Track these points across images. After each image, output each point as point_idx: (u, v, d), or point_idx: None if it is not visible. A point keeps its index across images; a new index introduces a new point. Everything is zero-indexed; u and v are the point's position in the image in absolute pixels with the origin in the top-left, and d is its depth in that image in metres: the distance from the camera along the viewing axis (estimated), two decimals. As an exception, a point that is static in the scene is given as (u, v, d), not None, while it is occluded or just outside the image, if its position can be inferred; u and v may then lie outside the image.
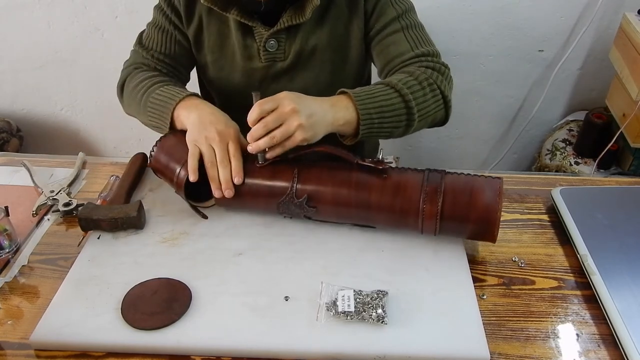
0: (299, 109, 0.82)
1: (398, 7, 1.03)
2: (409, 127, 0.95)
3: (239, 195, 0.89)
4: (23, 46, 1.95)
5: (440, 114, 1.00)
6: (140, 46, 1.08)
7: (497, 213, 0.80)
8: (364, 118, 0.89)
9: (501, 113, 2.01)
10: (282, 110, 0.82)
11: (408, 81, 0.94)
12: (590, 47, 1.82)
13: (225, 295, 0.80)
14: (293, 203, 0.87)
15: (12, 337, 0.76)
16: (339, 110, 0.88)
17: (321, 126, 0.86)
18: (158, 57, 1.07)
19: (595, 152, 1.73)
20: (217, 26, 1.04)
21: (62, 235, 0.94)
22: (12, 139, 2.02)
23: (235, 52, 1.04)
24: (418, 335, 0.73)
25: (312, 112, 0.84)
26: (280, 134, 0.83)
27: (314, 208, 0.86)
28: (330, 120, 0.87)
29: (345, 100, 0.90)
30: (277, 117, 0.83)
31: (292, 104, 0.82)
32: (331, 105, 0.88)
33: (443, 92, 0.98)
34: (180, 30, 1.06)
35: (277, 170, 0.88)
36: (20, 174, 1.07)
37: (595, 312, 0.79)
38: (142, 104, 0.99)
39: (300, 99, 0.85)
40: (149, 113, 0.97)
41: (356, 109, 0.89)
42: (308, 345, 0.73)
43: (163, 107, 0.95)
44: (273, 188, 0.87)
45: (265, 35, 1.00)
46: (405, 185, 0.83)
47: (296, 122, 0.82)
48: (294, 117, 0.82)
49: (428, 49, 1.02)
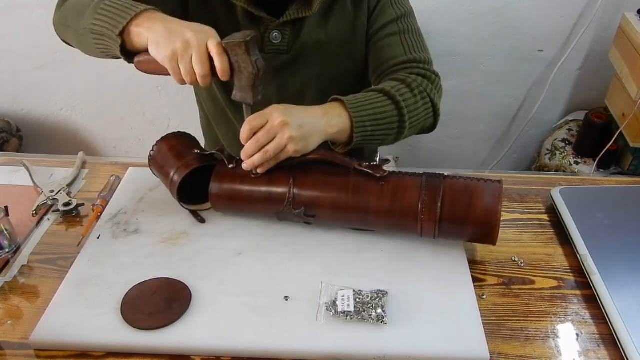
0: (288, 121, 0.82)
1: (398, 10, 1.03)
2: (400, 135, 0.95)
3: (235, 201, 0.89)
4: (23, 46, 1.95)
5: (429, 122, 1.00)
6: None
7: (497, 215, 0.79)
8: (358, 126, 0.88)
9: (501, 113, 2.01)
10: (272, 124, 0.82)
11: (401, 89, 0.94)
12: (590, 47, 1.83)
13: (225, 295, 0.80)
14: (292, 213, 0.86)
15: (11, 337, 0.76)
16: (332, 118, 0.87)
17: (314, 136, 0.85)
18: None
19: (594, 152, 1.73)
20: (224, 12, 1.01)
21: (61, 235, 0.94)
22: (12, 139, 2.02)
23: None
24: (418, 335, 0.73)
25: (302, 122, 0.84)
26: (273, 148, 0.83)
27: (313, 217, 0.86)
28: (323, 128, 0.86)
29: (339, 107, 0.89)
30: (268, 132, 0.82)
31: (281, 117, 0.82)
32: (323, 113, 0.88)
33: (433, 101, 0.98)
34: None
35: (273, 176, 0.87)
36: (20, 174, 1.07)
37: (595, 312, 0.79)
38: (92, 7, 0.85)
39: (289, 111, 0.84)
40: (97, 16, 0.83)
41: (350, 117, 0.88)
42: (308, 345, 0.73)
43: (119, 12, 0.82)
44: (270, 194, 0.87)
45: (270, 26, 1.00)
46: (404, 190, 0.83)
47: (287, 135, 0.82)
48: (285, 130, 0.82)
49: (421, 55, 1.01)
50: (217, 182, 0.89)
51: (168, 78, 0.84)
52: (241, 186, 0.88)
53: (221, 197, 0.89)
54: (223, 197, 0.89)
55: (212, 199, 0.90)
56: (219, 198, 0.89)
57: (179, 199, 0.91)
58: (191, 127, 1.03)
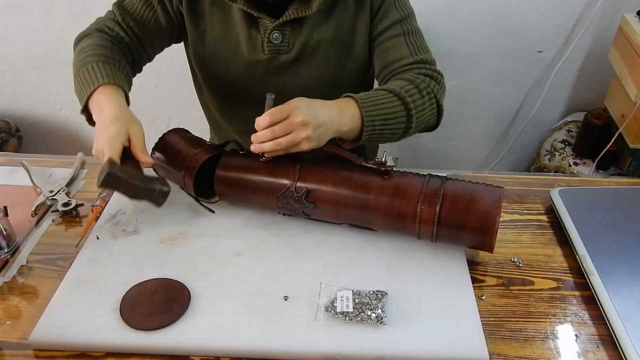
0: (309, 121, 0.83)
1: (401, 11, 1.03)
2: (405, 133, 0.97)
3: (239, 187, 0.90)
4: (22, 46, 1.95)
5: (433, 121, 1.02)
6: (118, 7, 1.03)
7: (496, 218, 0.79)
8: (368, 125, 0.90)
9: (500, 113, 2.01)
10: (292, 121, 0.83)
11: (410, 89, 0.95)
12: (590, 47, 1.83)
13: (224, 295, 0.80)
14: (292, 197, 0.87)
15: (11, 337, 0.76)
16: (346, 117, 0.89)
17: (327, 134, 0.87)
18: (129, 24, 1.02)
19: (594, 153, 1.73)
20: (220, 16, 1.02)
21: (61, 235, 0.94)
22: (11, 139, 2.02)
23: (239, 43, 1.03)
24: (417, 335, 0.73)
25: (321, 122, 0.85)
26: (286, 142, 0.83)
27: (312, 204, 0.87)
28: (337, 127, 0.88)
29: (353, 106, 0.90)
30: (286, 127, 0.83)
31: (302, 117, 0.83)
32: (339, 112, 0.89)
33: (438, 101, 1.00)
34: (166, 11, 1.03)
35: (279, 167, 0.88)
36: (19, 174, 1.07)
37: (594, 312, 0.79)
38: (75, 70, 0.96)
39: (312, 109, 0.85)
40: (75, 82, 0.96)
41: (361, 116, 0.89)
42: (307, 346, 0.73)
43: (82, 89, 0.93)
44: (274, 184, 0.88)
45: (270, 27, 1.00)
46: (405, 188, 0.83)
47: (304, 134, 0.83)
48: (303, 129, 0.83)
49: (426, 56, 1.03)
50: (223, 169, 0.91)
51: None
52: (245, 174, 0.89)
53: (226, 182, 0.91)
54: (228, 183, 0.91)
55: (217, 184, 0.91)
56: (224, 183, 0.91)
57: (194, 187, 0.91)
58: (192, 127, 1.03)
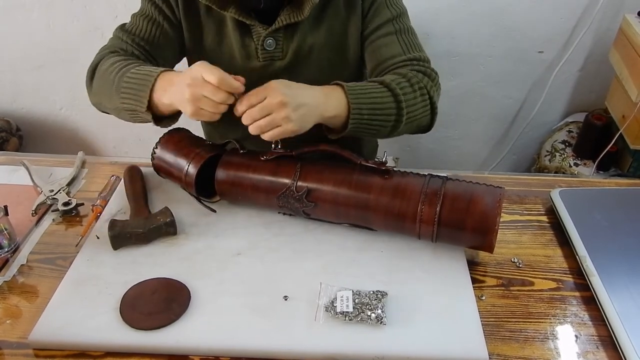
0: (286, 100, 0.82)
1: (393, 10, 1.03)
2: (395, 128, 0.95)
3: (241, 188, 0.90)
4: (23, 46, 1.95)
5: (426, 120, 1.00)
6: (122, 31, 1.03)
7: (496, 218, 0.79)
8: (355, 113, 0.89)
9: (501, 114, 2.01)
10: (270, 102, 0.82)
11: (400, 82, 0.95)
12: (590, 48, 1.83)
13: (224, 295, 0.80)
14: (292, 196, 0.87)
15: (10, 336, 0.76)
16: (331, 101, 0.88)
17: (310, 117, 0.86)
18: (139, 43, 1.02)
19: (594, 154, 1.73)
20: (215, 25, 1.03)
21: (61, 235, 0.94)
22: (12, 138, 2.02)
23: (233, 51, 1.04)
24: (417, 336, 0.73)
25: (301, 102, 0.84)
26: (266, 123, 0.83)
27: (313, 203, 0.87)
28: (321, 111, 0.87)
29: (339, 92, 0.90)
30: (263, 108, 0.82)
31: (280, 97, 0.82)
32: (324, 94, 0.88)
33: (432, 98, 0.98)
34: (170, 22, 1.03)
35: (280, 166, 0.89)
36: (20, 173, 1.07)
37: (594, 313, 0.79)
38: (115, 85, 0.93)
39: (291, 90, 0.84)
40: (122, 96, 0.91)
41: (348, 103, 0.89)
42: (306, 346, 0.73)
43: (138, 88, 0.89)
44: (275, 184, 0.88)
45: (264, 34, 1.00)
46: (405, 188, 0.83)
47: (283, 114, 0.82)
48: (282, 109, 0.82)
49: (419, 54, 1.03)
50: (224, 168, 0.91)
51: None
52: (246, 173, 0.90)
53: (227, 181, 0.91)
54: (228, 182, 0.91)
55: (218, 183, 0.91)
56: (225, 182, 0.91)
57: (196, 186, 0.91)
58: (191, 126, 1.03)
